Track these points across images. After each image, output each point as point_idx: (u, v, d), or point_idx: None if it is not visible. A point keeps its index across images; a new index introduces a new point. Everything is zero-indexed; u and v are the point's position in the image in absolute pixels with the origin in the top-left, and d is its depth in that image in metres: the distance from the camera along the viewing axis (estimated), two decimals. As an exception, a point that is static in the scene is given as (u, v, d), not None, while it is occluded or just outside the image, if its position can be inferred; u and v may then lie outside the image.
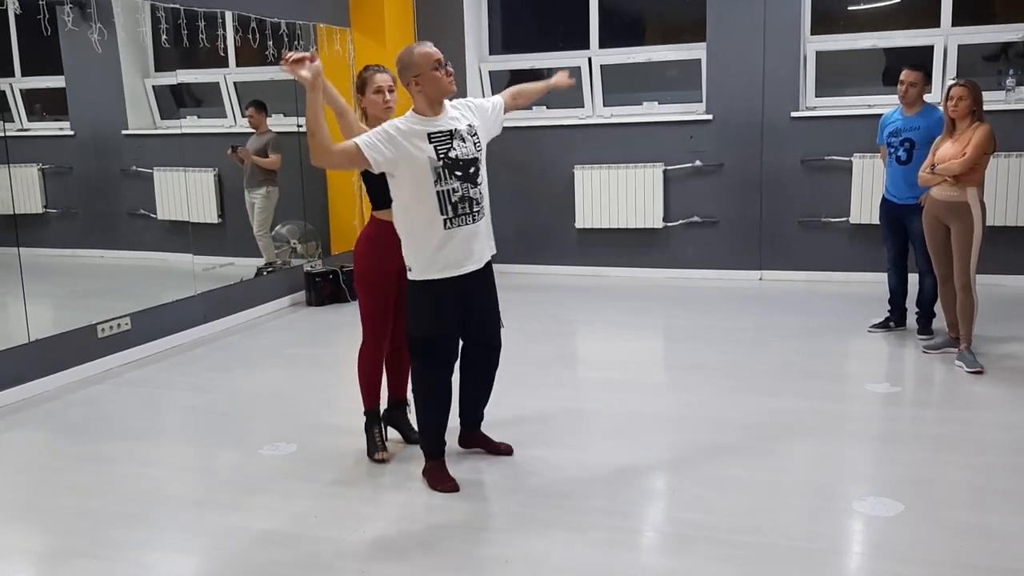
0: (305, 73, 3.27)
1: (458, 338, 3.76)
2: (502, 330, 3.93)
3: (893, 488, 3.61)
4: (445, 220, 3.48)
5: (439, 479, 3.73)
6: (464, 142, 3.53)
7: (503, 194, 8.26)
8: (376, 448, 4.05)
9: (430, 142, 3.45)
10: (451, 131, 3.51)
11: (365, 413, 4.09)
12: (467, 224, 3.54)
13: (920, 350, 5.49)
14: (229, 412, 4.86)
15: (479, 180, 3.60)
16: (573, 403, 4.82)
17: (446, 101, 3.58)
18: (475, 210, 3.57)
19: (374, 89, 3.85)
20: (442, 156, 3.45)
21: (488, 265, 3.77)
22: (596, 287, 7.74)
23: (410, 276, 3.59)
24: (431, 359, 3.66)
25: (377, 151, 3.39)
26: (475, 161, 3.57)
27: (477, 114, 3.70)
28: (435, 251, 3.51)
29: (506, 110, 3.96)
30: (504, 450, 4.06)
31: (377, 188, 3.78)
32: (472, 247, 3.60)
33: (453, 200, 3.48)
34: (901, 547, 3.17)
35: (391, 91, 3.87)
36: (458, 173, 3.49)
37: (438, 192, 3.45)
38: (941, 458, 3.92)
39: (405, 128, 3.46)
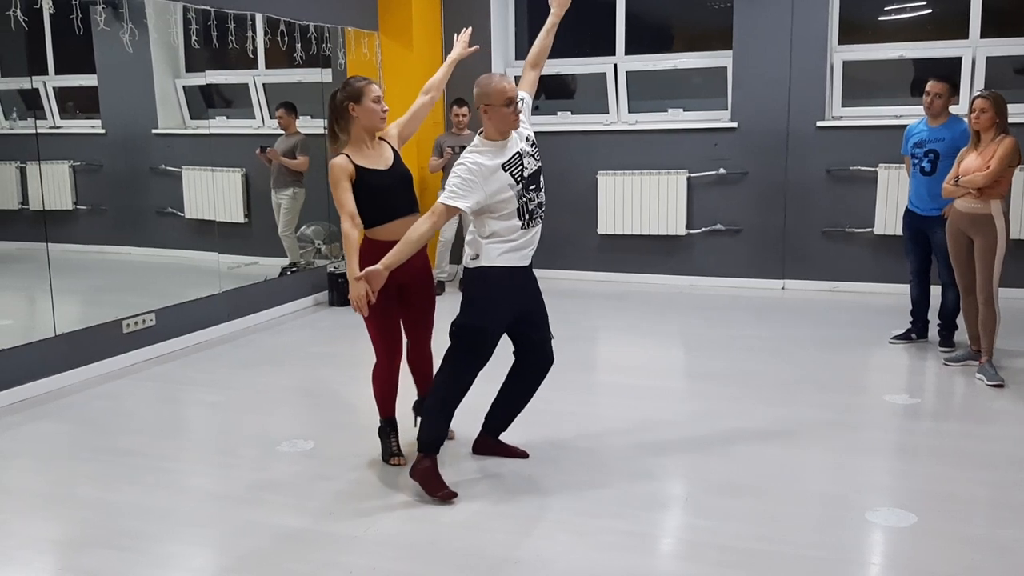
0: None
1: (502, 335, 3.82)
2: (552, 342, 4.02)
3: (908, 500, 3.59)
4: (522, 224, 3.66)
5: (437, 484, 3.67)
6: (530, 157, 3.71)
7: (526, 199, 8.29)
8: (391, 453, 4.08)
9: (505, 170, 3.60)
10: (519, 152, 3.66)
11: (380, 421, 4.13)
12: (538, 224, 3.76)
13: (941, 362, 5.46)
14: (249, 408, 4.92)
15: (543, 183, 3.79)
16: (589, 407, 4.83)
17: None
18: (543, 211, 3.79)
19: (373, 98, 3.85)
20: (519, 180, 3.62)
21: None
22: (617, 293, 7.74)
23: (472, 264, 3.68)
24: (476, 351, 3.70)
25: (469, 200, 3.55)
26: (540, 169, 3.76)
27: (527, 116, 3.87)
28: (508, 249, 3.66)
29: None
30: (520, 454, 4.08)
31: (369, 207, 3.81)
32: (534, 241, 3.77)
33: (530, 208, 3.68)
34: (913, 559, 3.16)
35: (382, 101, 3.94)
36: (532, 186, 3.68)
37: (518, 208, 3.63)
38: (958, 471, 3.90)
39: (482, 166, 3.56)
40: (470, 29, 4.44)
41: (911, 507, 3.51)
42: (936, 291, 5.75)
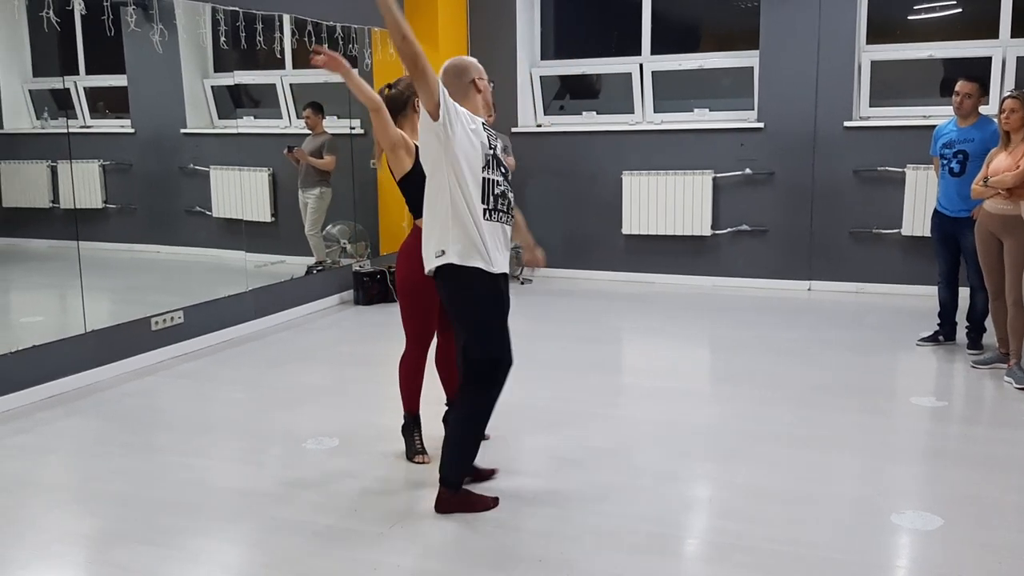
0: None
1: None
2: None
3: (933, 503, 3.57)
4: (485, 210, 3.38)
5: (476, 502, 3.59)
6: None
7: (551, 199, 8.31)
8: (416, 451, 4.10)
9: (484, 129, 3.44)
10: (495, 134, 3.54)
11: (404, 416, 4.15)
12: (502, 222, 3.46)
13: (969, 365, 5.41)
14: (276, 406, 4.96)
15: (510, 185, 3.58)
16: (614, 409, 4.83)
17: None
18: (510, 210, 3.51)
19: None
20: (493, 147, 3.44)
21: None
22: (642, 294, 7.73)
23: (442, 261, 3.38)
24: (497, 379, 3.49)
25: (449, 100, 3.31)
26: (507, 172, 3.55)
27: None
28: (475, 238, 3.35)
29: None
30: (487, 475, 3.91)
31: (418, 195, 3.80)
32: (506, 246, 3.51)
33: (495, 192, 3.41)
34: (938, 563, 3.15)
35: None
36: (502, 170, 3.47)
37: (484, 179, 3.37)
38: (984, 475, 3.87)
39: (464, 111, 3.42)
40: None
41: (937, 511, 3.49)
42: (965, 293, 5.71)
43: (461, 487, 3.60)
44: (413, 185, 3.76)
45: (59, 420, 4.75)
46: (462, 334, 3.54)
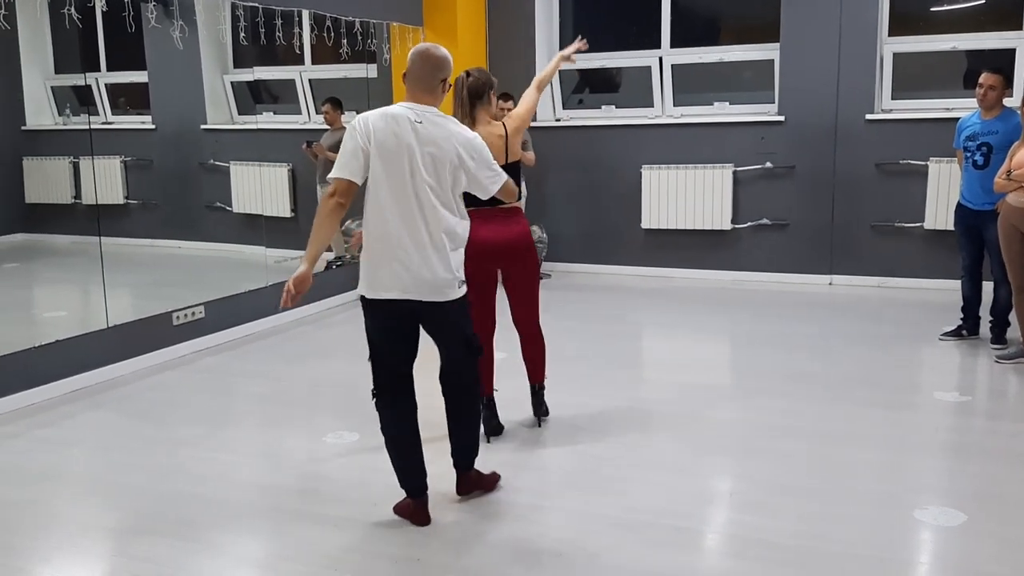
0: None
1: None
2: None
3: (957, 499, 3.54)
4: None
5: (489, 476, 3.72)
6: None
7: (569, 193, 8.30)
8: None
9: None
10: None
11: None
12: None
13: (992, 360, 5.36)
14: (296, 400, 4.99)
15: None
16: (634, 404, 4.82)
17: None
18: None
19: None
20: None
21: None
22: (661, 288, 7.71)
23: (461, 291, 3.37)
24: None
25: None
26: None
27: None
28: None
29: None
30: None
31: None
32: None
33: None
34: (961, 559, 3.12)
35: None
36: None
37: None
38: (1008, 471, 3.83)
39: None
40: (585, 41, 4.45)
41: (960, 506, 3.45)
42: (988, 287, 5.65)
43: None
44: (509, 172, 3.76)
45: (82, 414, 4.79)
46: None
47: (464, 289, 3.35)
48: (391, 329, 3.36)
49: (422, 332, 3.44)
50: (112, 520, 3.56)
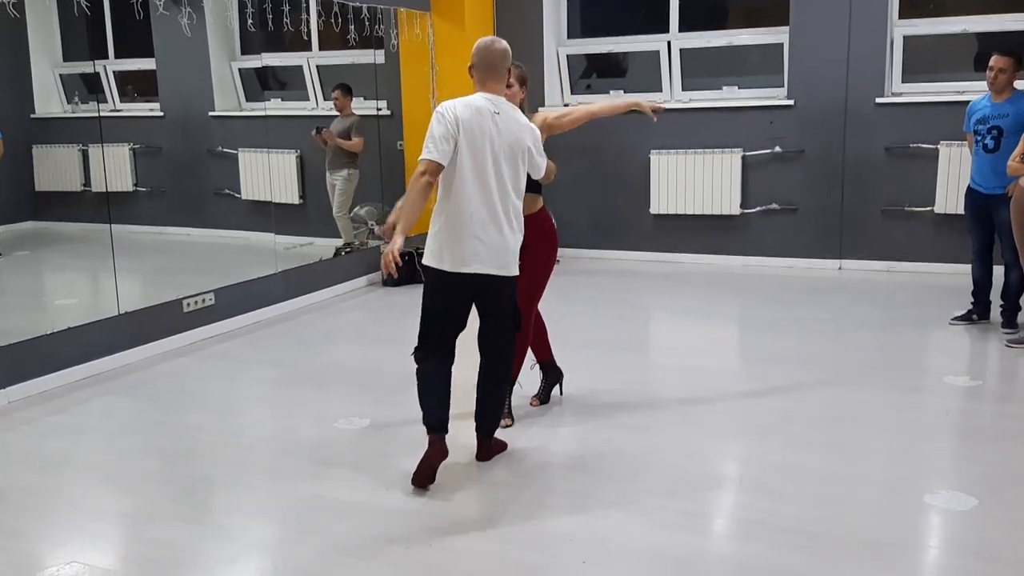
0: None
1: None
2: None
3: (967, 483, 3.54)
4: None
5: (499, 441, 3.97)
6: None
7: (578, 179, 8.28)
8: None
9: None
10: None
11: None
12: None
13: (1003, 344, 5.35)
14: (306, 386, 5.00)
15: None
16: (643, 388, 4.83)
17: None
18: None
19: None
20: None
21: None
22: (671, 273, 7.70)
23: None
24: None
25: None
26: None
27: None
28: None
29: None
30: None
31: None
32: None
33: None
34: (972, 542, 3.12)
35: None
36: None
37: None
38: (1019, 455, 3.82)
39: None
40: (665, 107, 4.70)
41: (971, 490, 3.45)
42: (999, 271, 5.63)
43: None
44: None
45: (95, 399, 4.82)
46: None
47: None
48: (456, 299, 3.66)
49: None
50: (126, 505, 3.59)
